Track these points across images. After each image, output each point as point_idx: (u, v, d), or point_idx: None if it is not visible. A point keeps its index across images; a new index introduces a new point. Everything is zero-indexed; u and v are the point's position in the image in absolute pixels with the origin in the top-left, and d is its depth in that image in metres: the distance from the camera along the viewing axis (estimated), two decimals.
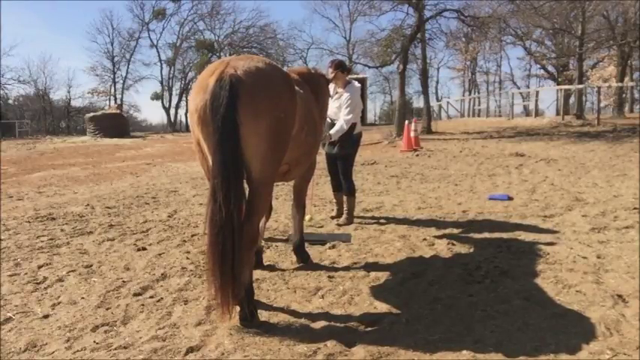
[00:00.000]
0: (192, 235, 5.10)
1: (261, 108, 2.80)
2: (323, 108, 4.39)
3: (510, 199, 6.76)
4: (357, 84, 5.58)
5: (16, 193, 8.06)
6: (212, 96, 2.70)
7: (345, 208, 5.65)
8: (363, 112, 5.74)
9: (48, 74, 54.87)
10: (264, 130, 2.81)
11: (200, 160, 3.08)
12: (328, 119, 5.43)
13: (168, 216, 6.12)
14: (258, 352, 2.61)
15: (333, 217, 5.80)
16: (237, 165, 2.70)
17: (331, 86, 5.45)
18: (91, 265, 4.12)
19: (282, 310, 3.17)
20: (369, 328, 2.89)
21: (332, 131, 5.30)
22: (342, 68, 5.32)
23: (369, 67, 26.98)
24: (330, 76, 5.15)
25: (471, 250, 4.43)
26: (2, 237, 5.04)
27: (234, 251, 2.68)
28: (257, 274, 3.69)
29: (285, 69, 3.65)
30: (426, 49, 22.03)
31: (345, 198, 5.65)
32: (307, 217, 5.02)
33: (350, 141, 5.50)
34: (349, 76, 5.58)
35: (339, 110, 5.40)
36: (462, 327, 2.87)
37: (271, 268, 4.01)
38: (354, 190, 5.67)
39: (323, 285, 3.59)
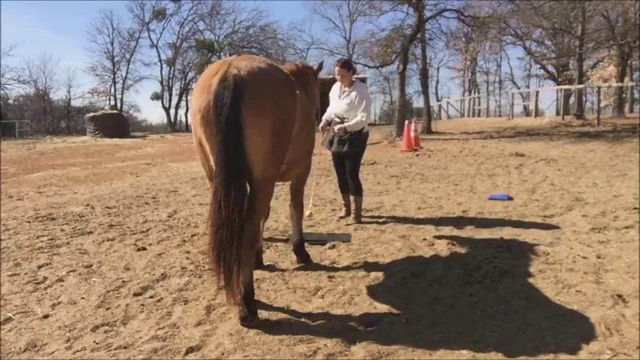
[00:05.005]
0: (192, 235, 5.10)
1: (265, 108, 2.81)
2: (312, 101, 4.38)
3: (510, 199, 6.76)
4: (362, 82, 5.70)
5: (16, 193, 8.06)
6: (215, 96, 2.71)
7: (352, 208, 5.66)
8: None
9: (48, 74, 55.00)
10: (266, 130, 2.82)
11: (201, 160, 3.08)
12: (337, 118, 5.47)
13: (168, 216, 6.12)
14: (258, 352, 2.61)
15: (341, 218, 5.78)
16: (239, 165, 2.70)
17: (337, 85, 5.52)
18: (91, 265, 4.12)
19: (282, 310, 3.17)
20: (369, 328, 2.89)
21: (349, 123, 5.34)
22: (348, 67, 5.48)
23: (369, 67, 27.02)
24: (337, 74, 5.38)
25: (471, 250, 4.42)
26: (2, 237, 5.04)
27: (234, 251, 2.68)
28: (257, 274, 3.69)
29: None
30: (426, 49, 22.11)
31: (352, 197, 5.66)
32: (307, 213, 4.99)
33: (360, 140, 5.54)
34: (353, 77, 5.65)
35: (349, 107, 5.44)
36: (462, 327, 2.87)
37: (271, 268, 4.01)
38: (361, 189, 5.71)
39: (323, 285, 3.59)
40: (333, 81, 5.67)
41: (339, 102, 5.49)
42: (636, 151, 11.94)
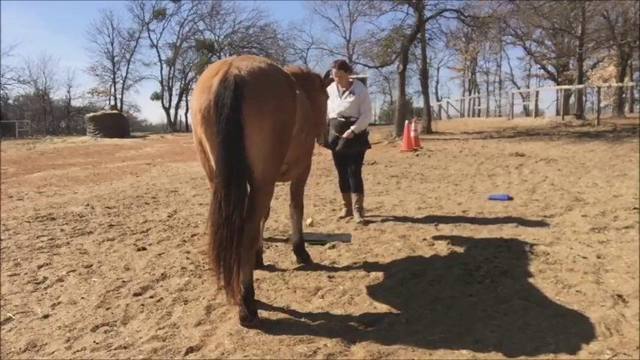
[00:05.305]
0: (192, 235, 5.10)
1: (265, 108, 2.81)
2: (318, 109, 4.38)
3: (510, 199, 6.76)
4: (360, 82, 5.79)
5: (16, 193, 8.06)
6: (216, 96, 2.71)
7: (355, 205, 5.70)
8: None
9: (48, 74, 54.85)
10: (267, 130, 2.83)
11: (201, 160, 3.08)
12: (341, 118, 5.51)
13: (168, 216, 6.12)
14: (258, 352, 2.61)
15: (341, 218, 5.80)
16: (240, 165, 2.71)
17: (333, 85, 5.55)
18: (91, 265, 4.12)
19: (282, 310, 3.17)
20: (369, 328, 2.89)
21: (355, 126, 5.43)
22: (345, 68, 5.57)
23: (369, 67, 26.99)
24: (334, 75, 5.43)
25: (471, 250, 4.43)
26: (2, 237, 5.04)
27: (234, 250, 2.69)
28: (257, 274, 3.69)
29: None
30: (426, 49, 22.10)
31: (354, 195, 5.70)
32: (308, 221, 5.02)
33: (363, 138, 5.62)
34: (350, 77, 5.70)
35: (352, 106, 5.50)
36: (462, 327, 2.87)
37: (271, 268, 4.01)
38: (363, 187, 5.78)
39: (323, 285, 3.59)
40: (331, 81, 5.71)
41: (341, 102, 5.54)
42: (636, 151, 11.94)
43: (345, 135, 5.42)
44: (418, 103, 42.29)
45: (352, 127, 5.42)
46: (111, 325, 2.96)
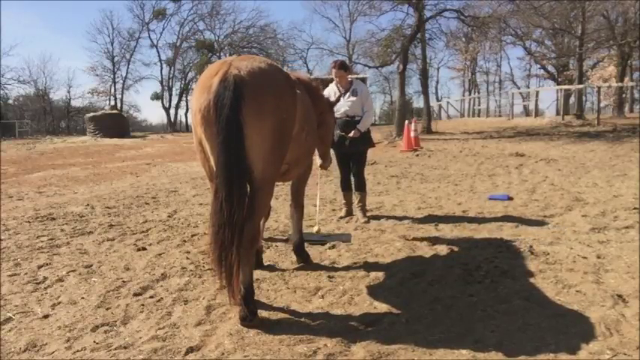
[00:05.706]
0: (192, 235, 5.10)
1: (265, 108, 2.82)
2: (326, 127, 4.30)
3: (510, 199, 6.76)
4: (360, 81, 5.91)
5: (16, 193, 8.06)
6: (216, 96, 2.71)
7: (358, 204, 5.77)
8: None
9: (48, 74, 55.08)
10: (267, 130, 2.83)
11: (201, 161, 3.08)
12: (345, 117, 5.61)
13: (168, 216, 6.12)
14: (258, 352, 2.61)
15: (342, 217, 5.82)
16: (240, 165, 2.71)
17: (333, 85, 5.60)
18: (91, 265, 4.12)
19: (282, 310, 3.17)
20: (369, 328, 2.89)
21: (360, 125, 5.58)
22: (345, 68, 5.68)
23: (369, 67, 27.04)
24: (334, 75, 5.56)
25: (471, 250, 4.42)
26: (2, 237, 5.04)
27: (234, 250, 2.69)
28: (257, 274, 3.69)
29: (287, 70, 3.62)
30: (426, 49, 22.12)
31: (358, 195, 5.76)
32: (315, 229, 5.03)
33: (368, 136, 5.73)
34: (349, 76, 5.78)
35: (355, 105, 5.60)
36: (462, 327, 2.87)
37: (271, 268, 4.02)
38: (366, 186, 5.89)
39: (323, 285, 3.59)
40: (331, 81, 5.76)
41: (344, 101, 5.59)
42: (636, 151, 11.94)
43: (351, 134, 5.52)
44: (418, 103, 42.35)
45: (358, 126, 5.55)
46: (111, 325, 2.96)
